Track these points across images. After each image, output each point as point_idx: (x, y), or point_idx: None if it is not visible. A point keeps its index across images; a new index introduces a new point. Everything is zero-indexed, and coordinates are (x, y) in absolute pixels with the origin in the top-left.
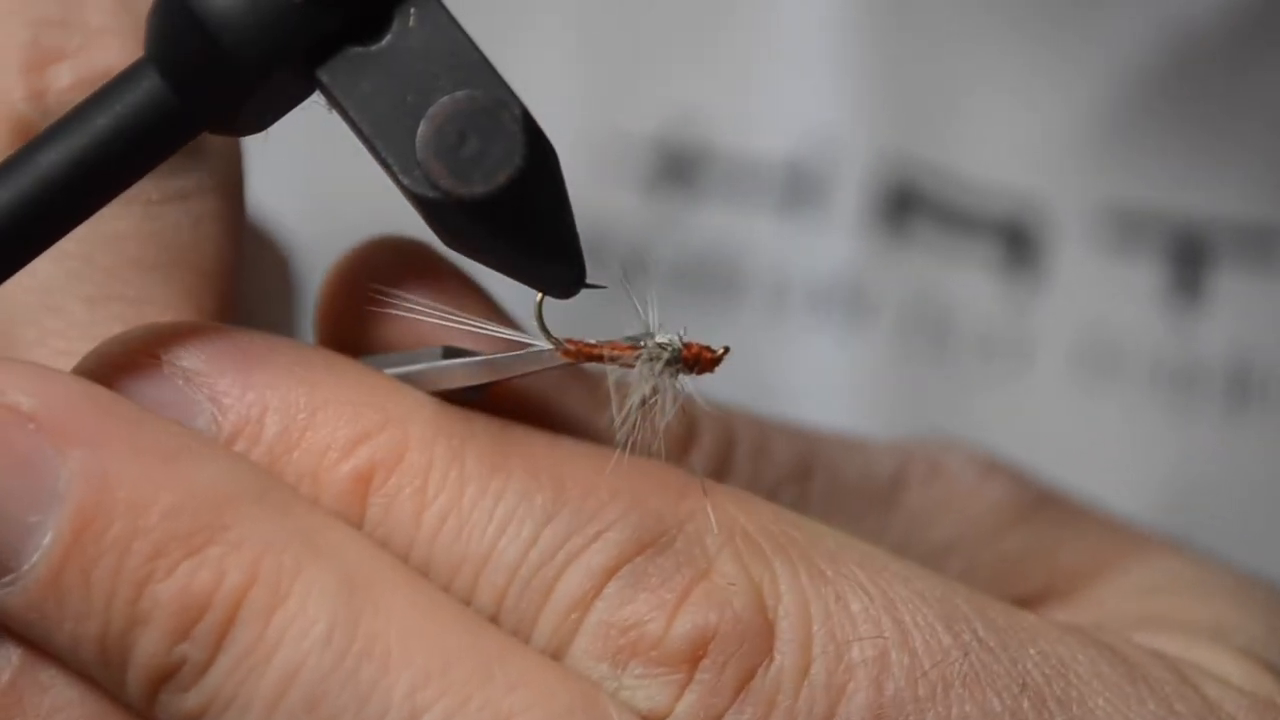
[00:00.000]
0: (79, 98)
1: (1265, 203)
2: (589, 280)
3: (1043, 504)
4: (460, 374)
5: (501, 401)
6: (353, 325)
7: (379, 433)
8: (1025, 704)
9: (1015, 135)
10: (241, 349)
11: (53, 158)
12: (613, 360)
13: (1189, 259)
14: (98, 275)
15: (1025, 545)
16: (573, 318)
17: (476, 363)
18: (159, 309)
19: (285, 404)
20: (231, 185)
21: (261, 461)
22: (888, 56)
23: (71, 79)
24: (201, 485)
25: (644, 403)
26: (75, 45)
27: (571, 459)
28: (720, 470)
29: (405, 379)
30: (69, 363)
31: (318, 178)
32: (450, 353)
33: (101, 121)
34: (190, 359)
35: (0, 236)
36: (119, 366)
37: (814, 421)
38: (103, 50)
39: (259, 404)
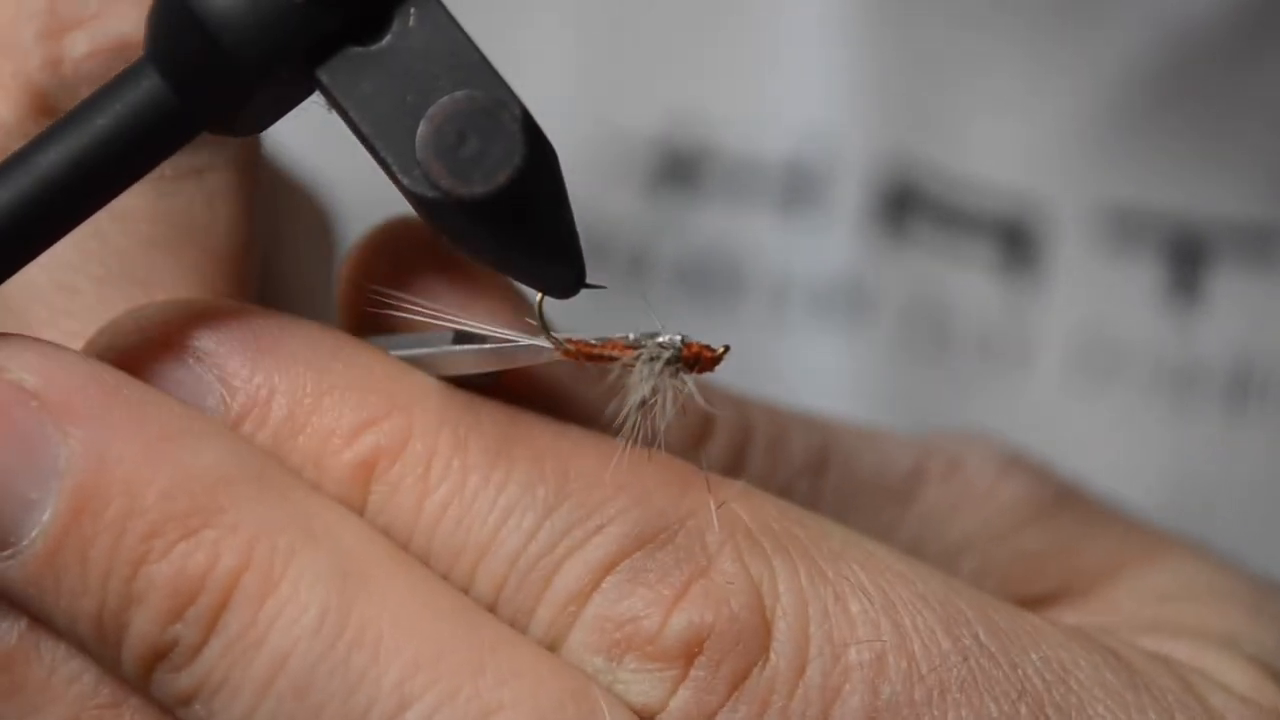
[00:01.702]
0: (96, 66)
1: (1264, 202)
2: (589, 280)
3: (1062, 503)
4: (467, 361)
5: (512, 385)
6: (372, 303)
7: (384, 419)
8: (1023, 710)
9: (1014, 135)
10: (252, 330)
11: (53, 158)
12: (613, 360)
13: (1188, 259)
14: (110, 255)
15: (1042, 545)
16: (573, 318)
17: (483, 351)
18: (170, 289)
19: (292, 388)
20: (246, 161)
21: (267, 445)
22: (887, 56)
23: (88, 47)
24: (200, 467)
25: (644, 403)
26: (91, 13)
27: (577, 451)
28: (734, 463)
29: (414, 362)
30: (79, 342)
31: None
32: (460, 338)
33: (101, 121)
34: (201, 339)
35: (0, 236)
36: (130, 345)
37: None
38: (118, 18)
39: (266, 387)
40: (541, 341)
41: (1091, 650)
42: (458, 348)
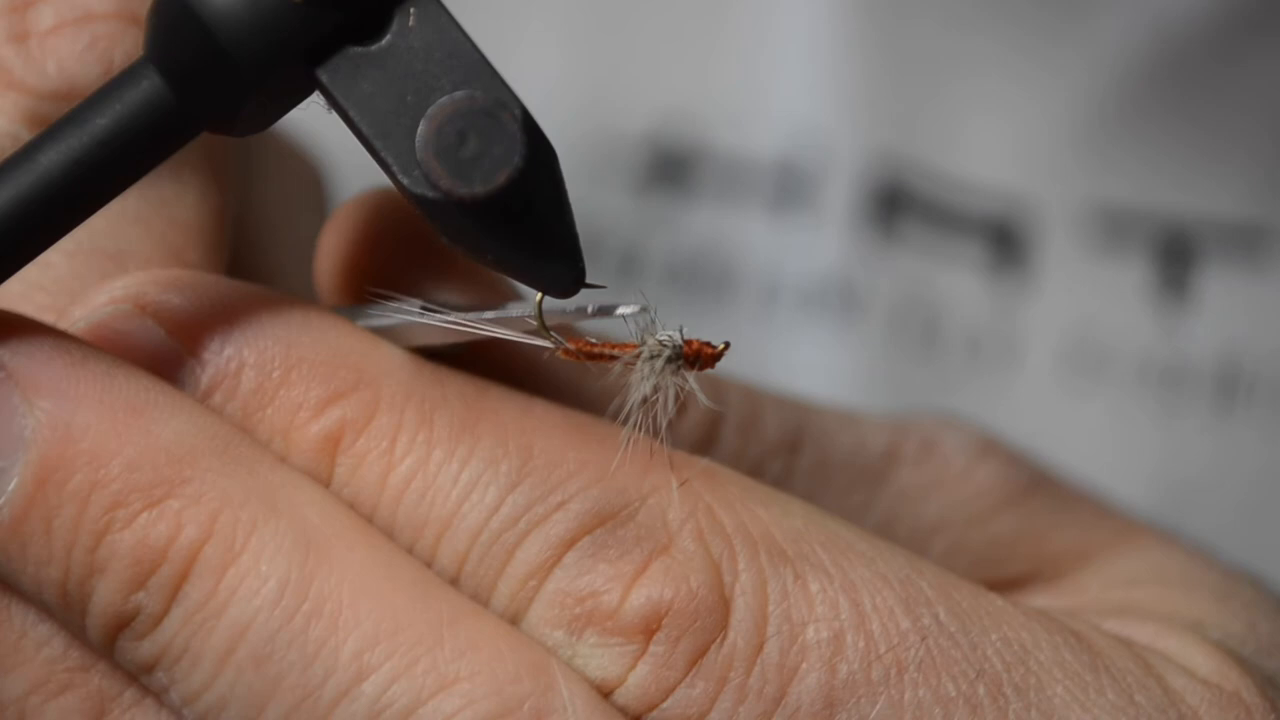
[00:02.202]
0: (63, 42)
1: (1252, 202)
2: (588, 280)
3: (1035, 488)
4: (436, 333)
5: (483, 356)
6: (351, 273)
7: (351, 393)
8: (980, 690)
9: (1003, 135)
10: (223, 302)
11: (53, 158)
12: (613, 359)
13: (1176, 258)
14: (80, 229)
15: (1013, 529)
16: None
17: (451, 322)
18: (142, 261)
19: (261, 360)
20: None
21: (235, 416)
22: (877, 57)
23: (54, 20)
24: (165, 439)
25: (645, 401)
26: None
27: (542, 427)
28: (706, 441)
29: (383, 333)
30: (51, 316)
31: None
32: (427, 307)
33: (101, 122)
34: (172, 311)
35: (0, 236)
36: (101, 318)
37: None
38: None
39: (236, 359)
40: (542, 341)
41: (1052, 631)
42: (426, 319)
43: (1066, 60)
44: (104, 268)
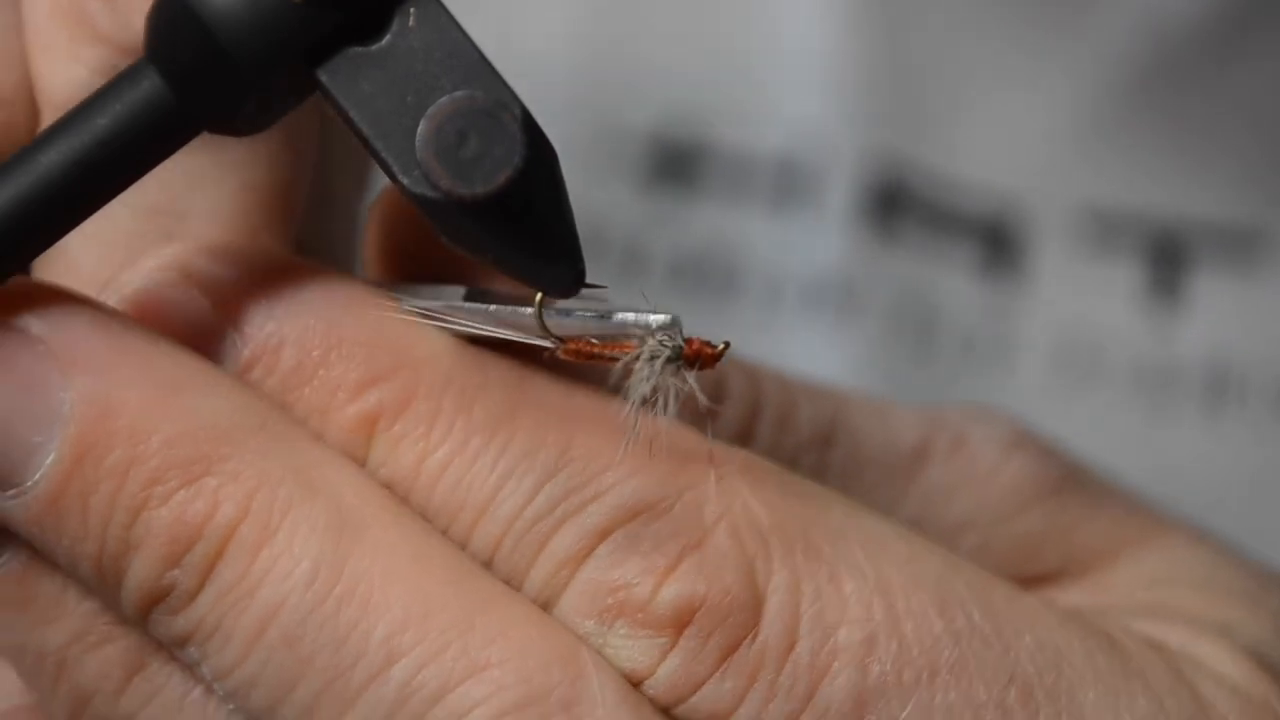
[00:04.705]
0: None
1: (1244, 204)
2: (589, 280)
3: (1065, 483)
4: (473, 324)
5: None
6: (395, 253)
7: (390, 376)
8: (1012, 695)
9: (998, 137)
10: (269, 276)
11: (53, 158)
12: (614, 360)
13: (1168, 260)
14: (147, 183)
15: (1042, 525)
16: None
17: (450, 321)
18: (205, 222)
19: (302, 338)
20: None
21: (274, 393)
22: (878, 56)
23: None
24: (203, 416)
25: (646, 401)
26: None
27: (582, 418)
28: (744, 433)
29: (430, 316)
30: (105, 270)
31: None
32: (473, 294)
33: (101, 121)
34: (218, 282)
35: (1, 236)
36: (149, 284)
37: None
38: None
39: (278, 335)
40: (542, 341)
41: (1086, 635)
42: (468, 306)
43: (1061, 62)
44: (167, 227)
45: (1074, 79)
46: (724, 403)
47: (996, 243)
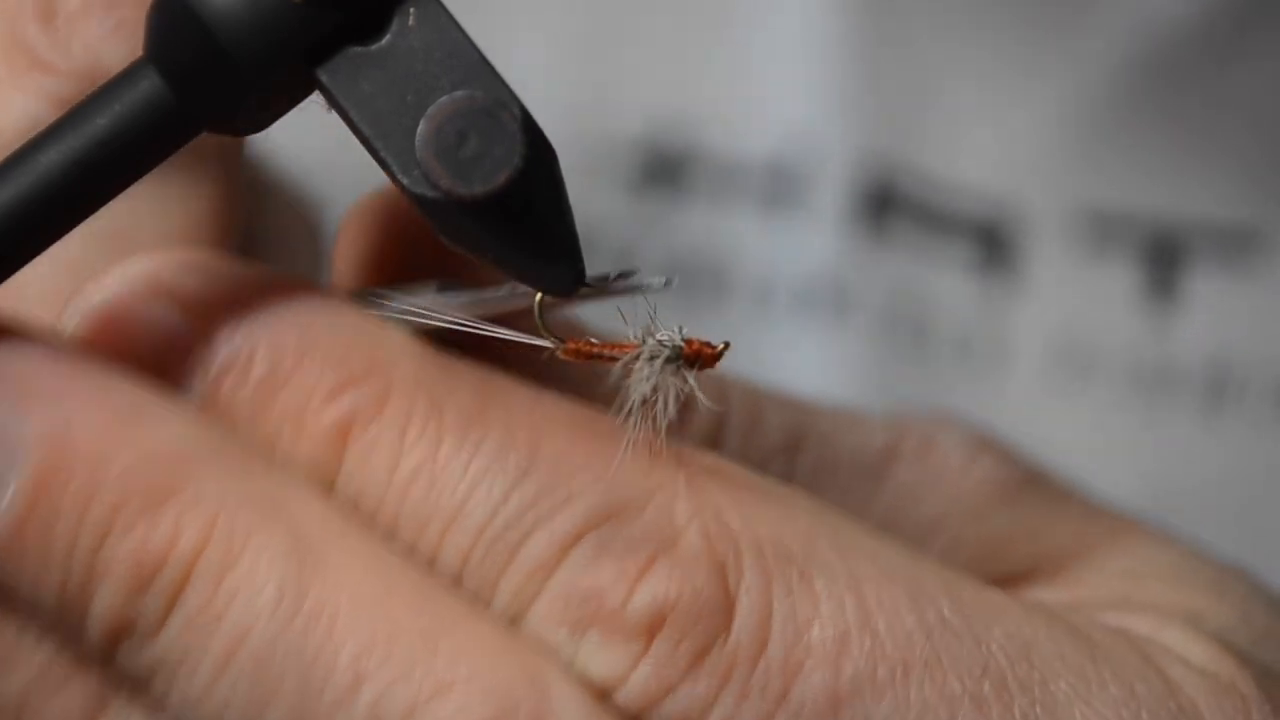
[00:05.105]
0: (89, 24)
1: (1241, 204)
2: (588, 280)
3: (1030, 485)
4: (473, 325)
5: (493, 346)
6: (367, 260)
7: (363, 381)
8: (986, 687)
9: (992, 137)
10: (237, 285)
11: (53, 158)
12: (613, 360)
13: (1165, 260)
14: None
15: (1010, 525)
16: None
17: (450, 322)
18: (152, 245)
19: (273, 346)
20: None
21: (246, 403)
22: (868, 59)
23: (81, 1)
24: (161, 444)
25: (645, 401)
26: None
27: (550, 420)
28: (709, 443)
29: (396, 317)
30: (55, 295)
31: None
32: (444, 287)
33: (101, 121)
34: (187, 293)
35: (0, 236)
36: (116, 297)
37: None
38: None
39: (248, 344)
40: (542, 341)
41: (1053, 625)
42: (429, 316)
43: (1055, 63)
44: (115, 249)
45: (1069, 78)
46: (691, 409)
47: (991, 243)
